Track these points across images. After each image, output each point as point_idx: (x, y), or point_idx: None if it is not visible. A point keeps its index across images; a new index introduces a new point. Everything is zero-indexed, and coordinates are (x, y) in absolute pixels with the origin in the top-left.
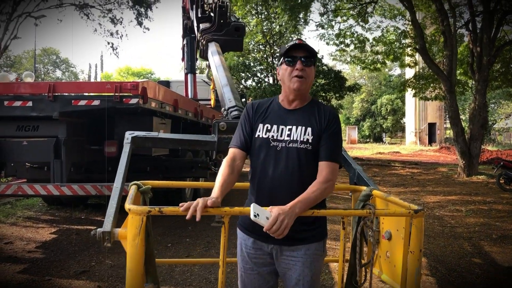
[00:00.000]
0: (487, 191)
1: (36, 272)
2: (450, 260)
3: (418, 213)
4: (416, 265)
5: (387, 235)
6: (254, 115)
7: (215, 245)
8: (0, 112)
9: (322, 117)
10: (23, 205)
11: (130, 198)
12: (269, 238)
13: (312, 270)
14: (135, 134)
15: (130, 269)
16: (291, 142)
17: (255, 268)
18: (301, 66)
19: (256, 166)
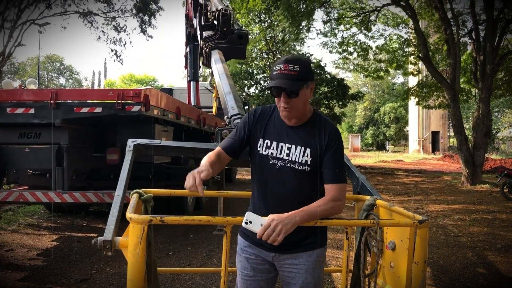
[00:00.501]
0: (491, 200)
1: (37, 280)
2: (454, 269)
3: (422, 224)
4: (421, 277)
5: (391, 245)
6: (255, 123)
7: (217, 253)
8: (3, 119)
9: (323, 136)
10: (25, 212)
11: (131, 206)
12: (269, 246)
13: (315, 277)
14: (137, 141)
15: (131, 279)
16: (289, 162)
17: (253, 274)
18: (285, 99)
19: (258, 180)
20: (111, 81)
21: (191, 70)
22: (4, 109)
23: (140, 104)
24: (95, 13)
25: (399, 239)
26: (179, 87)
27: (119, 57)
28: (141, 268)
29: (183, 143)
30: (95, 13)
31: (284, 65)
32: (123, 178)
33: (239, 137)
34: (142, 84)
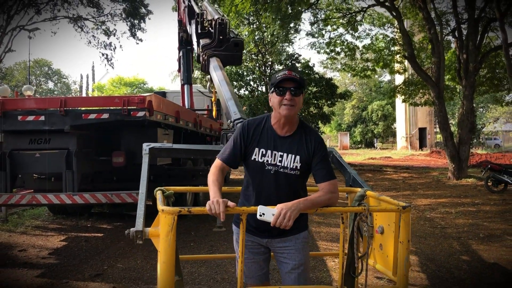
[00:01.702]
0: (476, 193)
1: (53, 276)
2: (439, 258)
3: (405, 209)
4: (405, 254)
5: (380, 229)
6: (250, 136)
7: (218, 248)
8: (14, 126)
9: (310, 144)
10: (29, 215)
11: (160, 201)
12: (263, 233)
13: (303, 254)
14: (152, 145)
15: (164, 262)
16: (282, 168)
17: (252, 257)
18: (290, 97)
19: (253, 184)
20: (100, 84)
21: (185, 74)
22: (16, 116)
23: (145, 110)
24: (85, 18)
25: (386, 224)
26: (172, 90)
27: (110, 61)
28: (172, 252)
29: (192, 146)
30: (85, 18)
31: (288, 71)
32: (144, 178)
33: (237, 150)
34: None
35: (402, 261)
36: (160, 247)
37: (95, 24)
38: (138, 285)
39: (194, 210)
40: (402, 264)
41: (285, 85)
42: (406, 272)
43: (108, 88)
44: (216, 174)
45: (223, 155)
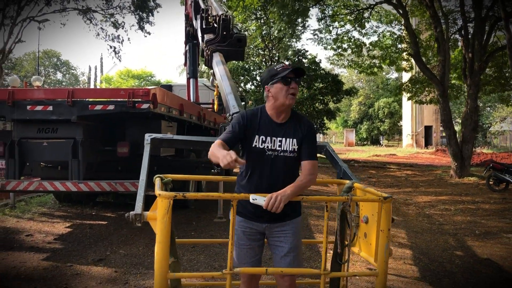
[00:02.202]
0: (477, 192)
1: (58, 259)
2: (433, 252)
3: (387, 200)
4: (386, 241)
5: (365, 219)
6: (249, 124)
7: (218, 237)
8: (23, 115)
9: (303, 128)
10: (36, 202)
11: (158, 186)
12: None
13: (298, 238)
14: (153, 136)
15: (160, 242)
16: (282, 152)
17: (248, 243)
18: (295, 85)
19: (254, 168)
20: (108, 76)
21: (191, 68)
22: (25, 106)
23: (149, 102)
24: (94, 10)
25: (370, 214)
26: (178, 84)
27: (118, 53)
28: (168, 233)
29: (192, 137)
30: (94, 10)
31: (287, 63)
32: (145, 166)
33: (236, 134)
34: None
35: (383, 248)
36: (157, 229)
37: (104, 16)
38: (138, 270)
39: (188, 195)
40: (383, 251)
41: (291, 75)
42: (386, 258)
43: (116, 80)
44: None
45: (222, 136)
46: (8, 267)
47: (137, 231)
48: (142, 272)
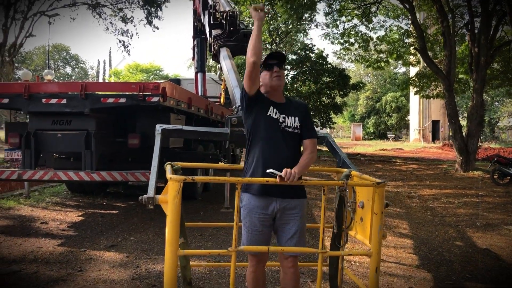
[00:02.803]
0: (481, 186)
1: (72, 245)
2: (434, 242)
3: (380, 185)
4: (379, 223)
5: (361, 204)
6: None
7: (224, 227)
8: (39, 108)
9: (301, 108)
10: (49, 192)
11: (169, 172)
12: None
13: (304, 221)
14: (164, 126)
15: (171, 221)
16: (287, 127)
17: (262, 229)
18: (277, 69)
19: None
20: (117, 70)
21: (199, 62)
22: (40, 99)
23: (159, 96)
24: (103, 5)
25: (366, 199)
26: (186, 78)
27: (127, 48)
28: (178, 213)
29: (200, 128)
30: (103, 5)
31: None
32: (156, 154)
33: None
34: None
35: (376, 230)
36: (168, 210)
37: (113, 11)
38: (149, 255)
39: (197, 178)
40: (376, 233)
41: (272, 61)
42: (380, 239)
43: (124, 74)
44: None
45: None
46: (26, 252)
47: (147, 220)
48: (152, 257)
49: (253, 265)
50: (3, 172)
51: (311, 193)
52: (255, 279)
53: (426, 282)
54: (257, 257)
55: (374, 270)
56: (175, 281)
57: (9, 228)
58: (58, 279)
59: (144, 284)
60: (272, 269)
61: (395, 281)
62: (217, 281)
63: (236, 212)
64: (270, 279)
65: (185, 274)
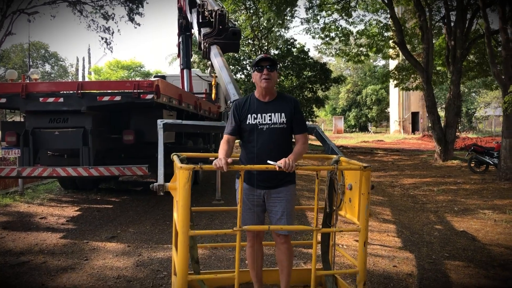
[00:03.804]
0: (459, 174)
1: (74, 237)
2: (415, 226)
3: (366, 168)
4: (366, 202)
5: (349, 186)
6: (241, 109)
7: (217, 217)
8: (36, 107)
9: (290, 104)
10: (43, 189)
11: (177, 161)
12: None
13: (291, 203)
14: (165, 121)
15: (182, 206)
16: (272, 124)
17: (251, 208)
18: (267, 71)
19: (250, 141)
20: (98, 67)
21: (184, 59)
22: (37, 98)
23: (153, 93)
24: (84, 2)
25: (354, 182)
26: (171, 74)
27: (109, 45)
28: (188, 198)
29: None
30: (84, 2)
31: (264, 54)
32: (161, 148)
33: (236, 122)
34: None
35: (364, 208)
36: (179, 195)
37: (94, 8)
38: (149, 244)
39: (205, 167)
40: (364, 211)
41: (263, 63)
42: (367, 216)
43: (105, 71)
44: (223, 145)
45: (227, 130)
46: (31, 244)
47: (142, 213)
48: (152, 246)
49: (250, 240)
50: (2, 169)
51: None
52: (253, 253)
53: (409, 261)
54: (253, 233)
55: (363, 244)
56: (187, 259)
57: (10, 223)
58: (67, 267)
59: (148, 270)
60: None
61: (380, 261)
62: (217, 265)
63: (240, 196)
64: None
65: (193, 254)
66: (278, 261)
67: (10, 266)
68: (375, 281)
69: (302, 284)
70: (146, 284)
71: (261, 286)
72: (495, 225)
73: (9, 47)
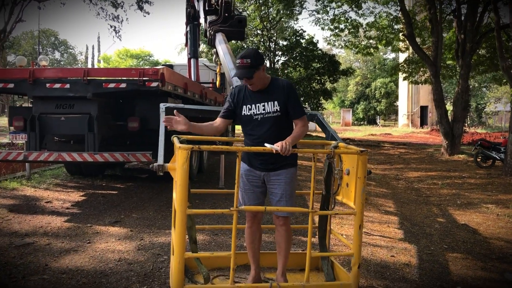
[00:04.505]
0: (465, 168)
1: (78, 221)
2: (416, 219)
3: (362, 153)
4: (362, 186)
5: (347, 171)
6: (236, 97)
7: (220, 204)
8: (43, 92)
9: (284, 89)
10: (49, 175)
11: (177, 142)
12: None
13: (291, 186)
14: (167, 104)
15: (180, 185)
16: (266, 114)
17: (252, 188)
18: (246, 81)
19: (248, 132)
20: (107, 55)
21: (192, 48)
22: (44, 84)
23: (158, 81)
24: None
25: (351, 167)
26: (179, 64)
27: (118, 33)
28: (186, 178)
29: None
30: None
31: (240, 60)
32: (163, 131)
33: (230, 106)
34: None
35: (360, 192)
36: (177, 175)
37: None
38: (151, 229)
39: (203, 147)
40: (359, 194)
41: (238, 75)
42: (363, 200)
43: (114, 60)
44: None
45: (221, 114)
46: (36, 227)
47: (146, 199)
48: (154, 232)
49: (249, 221)
50: (9, 153)
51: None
52: (251, 234)
53: (407, 252)
54: (251, 214)
55: (358, 227)
56: (184, 237)
57: (16, 206)
58: (70, 249)
59: (149, 254)
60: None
61: (379, 251)
62: (216, 250)
63: (237, 177)
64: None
65: (191, 234)
66: (277, 243)
67: (15, 246)
68: (372, 270)
69: (298, 268)
70: (147, 267)
71: (258, 267)
72: (497, 219)
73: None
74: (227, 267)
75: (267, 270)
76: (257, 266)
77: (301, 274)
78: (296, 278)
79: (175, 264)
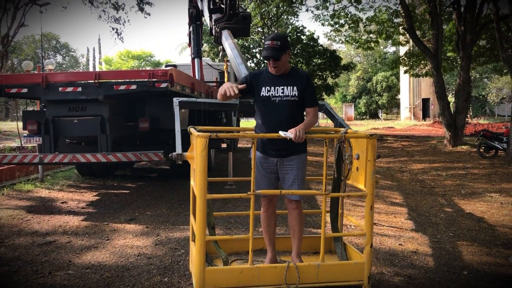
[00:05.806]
0: (468, 159)
1: (95, 220)
2: (422, 209)
3: (372, 137)
4: (372, 168)
5: (357, 156)
6: (255, 79)
7: (231, 201)
8: (56, 96)
9: (303, 79)
10: (61, 176)
11: (194, 131)
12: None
13: (302, 171)
14: (180, 99)
15: (200, 171)
16: (284, 97)
17: (266, 175)
18: (273, 63)
19: (263, 113)
20: (108, 57)
21: (195, 48)
22: (57, 88)
23: (167, 82)
24: None
25: (361, 151)
26: (182, 63)
27: (120, 35)
28: (205, 165)
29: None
30: None
31: (270, 41)
32: (178, 123)
33: (246, 80)
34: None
35: (370, 174)
36: (196, 162)
37: None
38: (166, 226)
39: (221, 135)
40: (370, 176)
41: (269, 54)
42: (373, 182)
43: (116, 61)
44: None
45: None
46: (55, 226)
47: (158, 197)
48: (169, 228)
49: (264, 205)
50: (25, 156)
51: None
52: (267, 217)
53: (414, 240)
54: (267, 198)
55: (370, 208)
56: (205, 221)
57: (33, 207)
58: (90, 246)
59: (167, 248)
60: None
61: (386, 240)
62: None
63: (253, 163)
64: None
65: (209, 220)
66: (290, 227)
67: (38, 245)
68: (381, 258)
69: (312, 251)
70: (165, 260)
71: (274, 250)
72: (501, 207)
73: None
74: (244, 252)
75: (282, 254)
76: (273, 249)
77: (315, 257)
78: (311, 260)
79: (197, 247)
